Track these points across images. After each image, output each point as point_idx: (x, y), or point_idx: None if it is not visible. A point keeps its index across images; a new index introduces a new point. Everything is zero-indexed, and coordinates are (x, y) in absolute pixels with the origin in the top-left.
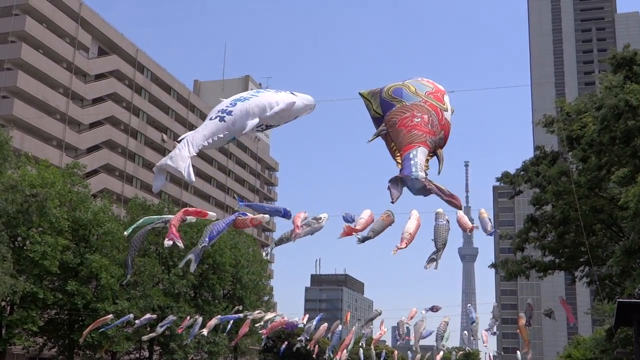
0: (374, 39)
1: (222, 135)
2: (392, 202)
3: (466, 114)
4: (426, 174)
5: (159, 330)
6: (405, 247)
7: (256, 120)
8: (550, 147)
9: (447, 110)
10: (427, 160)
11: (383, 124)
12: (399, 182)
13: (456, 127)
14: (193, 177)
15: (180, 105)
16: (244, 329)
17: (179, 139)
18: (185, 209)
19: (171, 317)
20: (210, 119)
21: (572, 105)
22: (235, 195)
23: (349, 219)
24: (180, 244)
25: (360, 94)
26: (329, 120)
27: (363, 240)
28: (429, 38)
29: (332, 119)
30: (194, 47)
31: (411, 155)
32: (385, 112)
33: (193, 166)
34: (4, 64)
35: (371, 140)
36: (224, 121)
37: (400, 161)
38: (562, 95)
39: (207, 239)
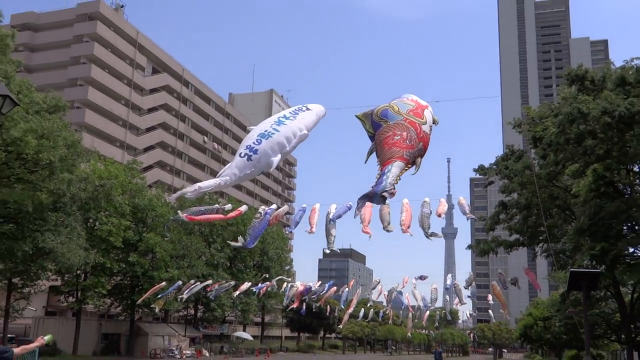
0: (376, 59)
1: (249, 172)
2: (355, 216)
3: (449, 119)
4: (397, 181)
5: (194, 289)
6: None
7: (278, 156)
8: (517, 146)
9: (425, 124)
10: (402, 172)
11: (373, 143)
12: (365, 198)
13: (441, 130)
14: (190, 194)
15: (218, 113)
16: (265, 288)
17: (218, 175)
18: (223, 216)
19: (209, 282)
20: (240, 156)
21: (536, 111)
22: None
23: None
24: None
25: (356, 116)
26: (342, 124)
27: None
28: (424, 60)
29: (345, 123)
30: (228, 66)
31: (386, 170)
32: (375, 131)
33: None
34: (77, 81)
35: (366, 161)
36: (251, 160)
37: (379, 174)
38: (526, 104)
39: (250, 240)
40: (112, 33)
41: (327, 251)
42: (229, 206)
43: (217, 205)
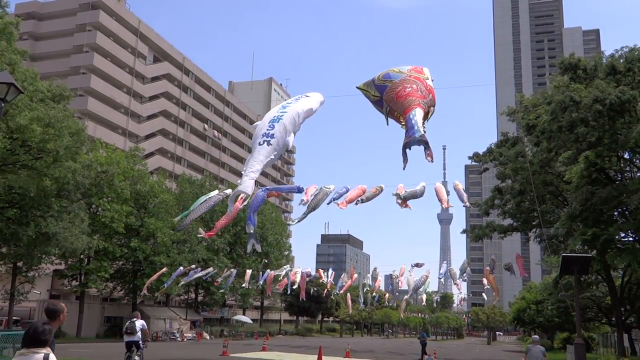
0: (372, 47)
1: (272, 157)
2: (404, 169)
3: (445, 107)
4: (424, 129)
5: (194, 276)
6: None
7: (292, 135)
8: (511, 133)
9: (428, 79)
10: (424, 118)
11: (385, 103)
12: (406, 148)
13: (436, 118)
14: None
15: (218, 101)
16: (269, 282)
17: (244, 169)
18: (230, 215)
19: (210, 269)
20: (260, 144)
21: (529, 99)
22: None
23: (338, 194)
24: (258, 248)
25: (357, 87)
26: (338, 110)
27: (360, 201)
28: (420, 49)
29: (341, 110)
30: (228, 55)
31: (411, 116)
32: (382, 93)
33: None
34: (80, 69)
35: (387, 122)
36: (271, 144)
37: (403, 123)
38: (520, 92)
39: (252, 224)
40: (114, 22)
41: (292, 223)
42: (229, 191)
43: (216, 190)
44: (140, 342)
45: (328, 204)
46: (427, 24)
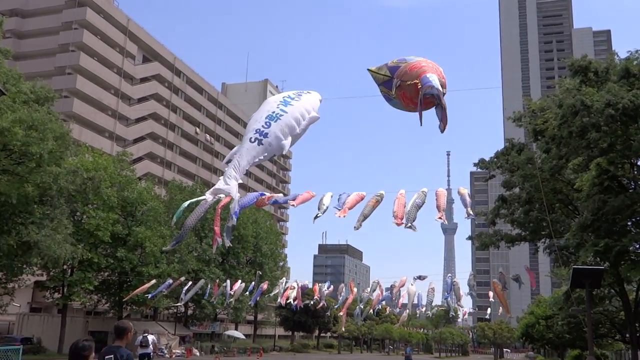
0: (371, 48)
1: (262, 157)
2: (421, 125)
3: (449, 111)
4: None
5: (189, 296)
6: (400, 223)
7: (289, 139)
8: (518, 139)
9: (442, 71)
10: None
11: (395, 79)
12: (420, 105)
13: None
14: (237, 203)
15: (210, 104)
16: (262, 289)
17: (226, 160)
18: (220, 206)
19: (201, 282)
20: (250, 141)
21: (537, 103)
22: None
23: (339, 207)
24: (228, 243)
25: (368, 69)
26: (336, 113)
27: (357, 228)
28: (422, 51)
29: (339, 113)
30: (222, 55)
31: (428, 76)
32: (393, 73)
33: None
34: (66, 69)
35: (394, 93)
36: (262, 144)
37: (418, 81)
38: (527, 95)
39: (234, 217)
40: (102, 20)
41: (319, 214)
42: (221, 195)
43: (206, 195)
44: (151, 353)
45: (357, 228)
46: (429, 23)
